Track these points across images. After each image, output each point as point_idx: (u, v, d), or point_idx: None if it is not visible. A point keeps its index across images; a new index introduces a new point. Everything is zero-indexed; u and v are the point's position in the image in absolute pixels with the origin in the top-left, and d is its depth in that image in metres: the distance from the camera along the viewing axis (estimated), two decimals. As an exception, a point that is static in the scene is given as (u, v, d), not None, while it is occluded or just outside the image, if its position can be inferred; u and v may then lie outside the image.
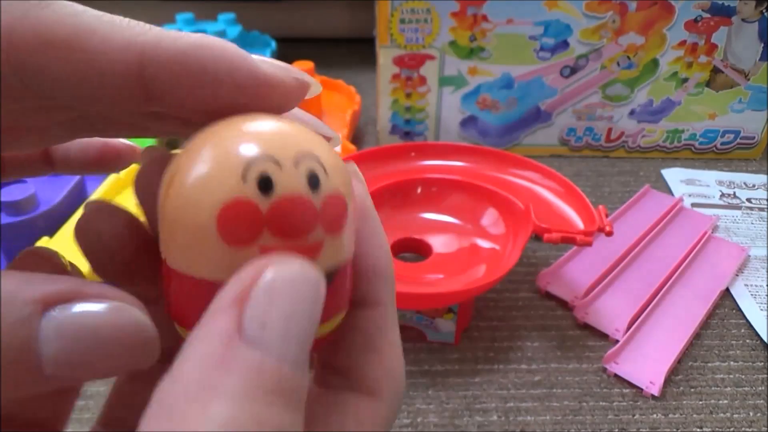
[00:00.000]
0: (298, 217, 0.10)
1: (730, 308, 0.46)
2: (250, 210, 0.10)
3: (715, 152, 0.67)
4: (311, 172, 0.10)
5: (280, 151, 0.10)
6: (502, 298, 0.47)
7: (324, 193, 0.10)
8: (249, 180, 0.10)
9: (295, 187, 0.10)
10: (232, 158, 0.10)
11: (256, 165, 0.10)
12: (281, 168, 0.10)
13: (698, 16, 0.58)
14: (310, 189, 0.10)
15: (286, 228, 0.10)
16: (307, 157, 0.10)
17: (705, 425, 0.37)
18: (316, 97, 0.66)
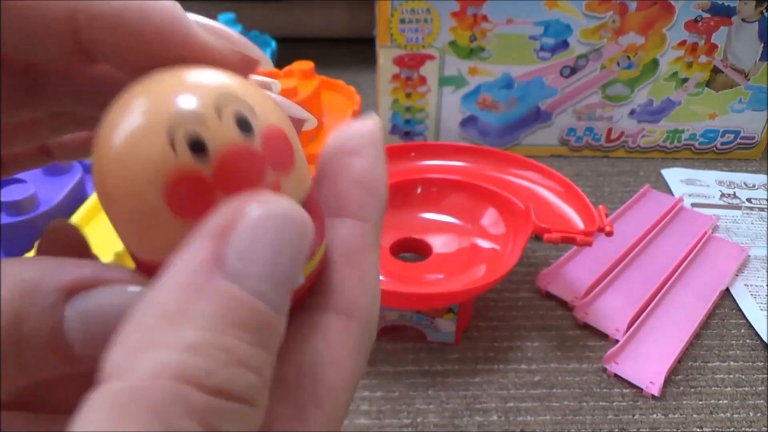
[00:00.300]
0: (243, 169, 0.09)
1: (730, 308, 0.46)
2: (194, 180, 0.09)
3: (715, 152, 0.67)
4: (238, 115, 0.09)
5: (198, 102, 0.09)
6: (502, 298, 0.47)
7: (260, 133, 0.10)
8: (179, 148, 0.09)
9: (228, 139, 0.09)
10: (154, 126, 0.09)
11: (181, 127, 0.09)
12: (206, 122, 0.09)
13: (698, 16, 0.58)
14: (243, 134, 0.09)
15: (237, 184, 0.09)
16: (228, 100, 0.09)
17: (705, 425, 0.37)
18: (317, 97, 0.66)
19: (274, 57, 0.87)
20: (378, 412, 0.38)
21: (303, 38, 1.01)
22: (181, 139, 0.09)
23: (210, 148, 0.09)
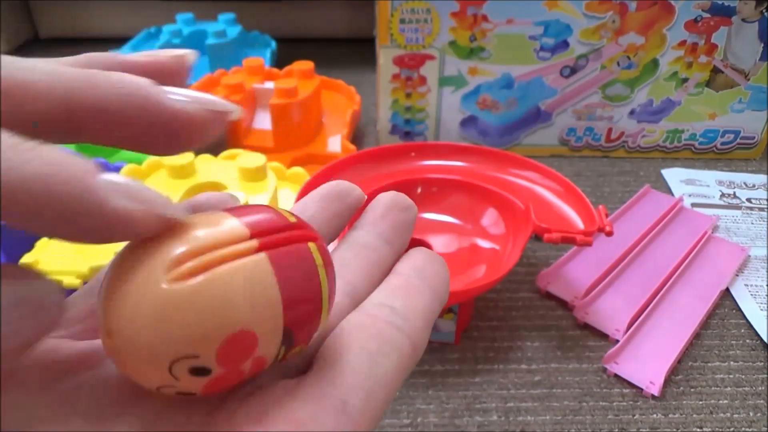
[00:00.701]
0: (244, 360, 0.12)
1: (730, 308, 0.46)
2: None
3: (715, 152, 0.67)
4: (193, 367, 0.11)
5: (168, 345, 0.11)
6: (502, 298, 0.47)
7: (213, 376, 0.11)
8: (180, 373, 0.11)
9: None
10: (151, 355, 0.11)
11: (181, 362, 0.11)
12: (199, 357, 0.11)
13: (698, 16, 0.58)
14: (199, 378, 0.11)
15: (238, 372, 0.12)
16: (186, 359, 0.11)
17: (705, 425, 0.37)
18: (317, 97, 0.66)
19: (274, 57, 0.87)
20: (378, 412, 0.38)
21: (303, 38, 1.01)
22: (178, 369, 0.11)
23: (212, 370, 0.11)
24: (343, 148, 0.62)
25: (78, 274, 0.38)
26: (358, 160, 0.50)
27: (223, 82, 0.63)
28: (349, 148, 0.61)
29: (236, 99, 0.62)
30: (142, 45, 0.83)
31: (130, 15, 0.99)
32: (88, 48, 0.87)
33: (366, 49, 0.87)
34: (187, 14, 0.85)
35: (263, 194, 0.45)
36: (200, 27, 0.83)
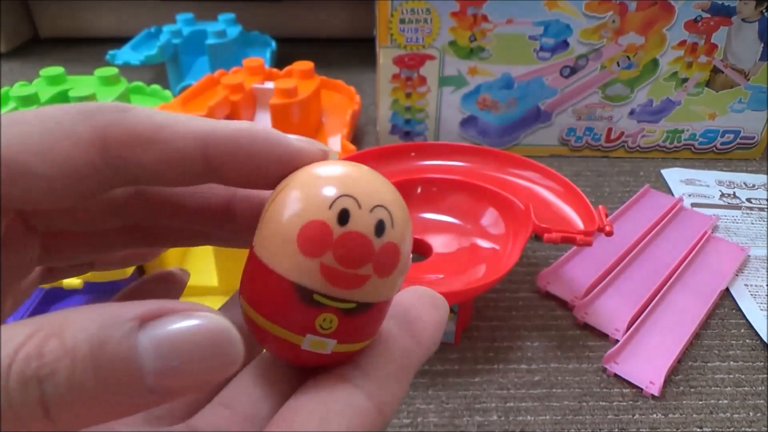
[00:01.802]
0: (357, 250, 0.12)
1: (730, 308, 0.46)
2: (325, 231, 0.12)
3: (715, 152, 0.67)
4: (380, 220, 0.12)
5: (363, 196, 0.12)
6: (502, 298, 0.47)
7: (384, 240, 0.12)
8: (333, 210, 0.12)
9: (364, 227, 0.12)
10: (326, 191, 0.12)
11: (343, 201, 0.12)
12: (360, 210, 0.12)
13: (698, 16, 0.58)
14: (375, 233, 0.12)
15: (344, 256, 0.12)
16: (382, 208, 0.12)
17: (705, 425, 0.37)
18: (317, 97, 0.66)
19: (274, 57, 0.87)
20: (378, 412, 0.38)
21: (303, 38, 1.01)
22: (338, 206, 0.12)
23: (349, 223, 0.12)
24: (343, 148, 0.62)
25: (78, 274, 0.38)
26: (358, 160, 0.50)
27: (223, 82, 0.63)
28: (349, 148, 0.61)
29: (236, 99, 0.62)
30: (142, 45, 0.83)
31: (130, 15, 0.99)
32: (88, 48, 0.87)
33: (366, 49, 0.87)
34: (187, 14, 0.85)
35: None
36: (200, 27, 0.83)
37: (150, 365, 0.10)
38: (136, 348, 0.10)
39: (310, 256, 0.12)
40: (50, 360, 0.09)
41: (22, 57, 0.96)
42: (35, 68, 0.93)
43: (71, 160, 0.12)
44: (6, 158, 0.11)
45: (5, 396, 0.09)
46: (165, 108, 0.60)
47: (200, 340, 0.10)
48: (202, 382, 0.10)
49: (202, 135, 0.13)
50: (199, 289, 0.45)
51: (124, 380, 0.10)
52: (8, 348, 0.09)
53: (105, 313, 0.10)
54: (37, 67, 0.93)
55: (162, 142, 0.12)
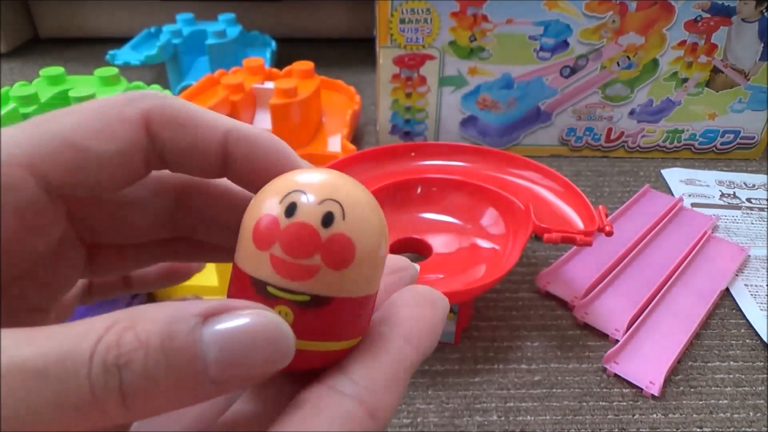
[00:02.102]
0: (300, 240, 0.12)
1: (730, 308, 0.46)
2: (272, 223, 0.13)
3: (715, 152, 0.67)
4: (328, 212, 0.13)
5: (315, 191, 0.13)
6: (502, 298, 0.47)
7: (333, 231, 0.12)
8: (283, 204, 0.13)
9: (309, 218, 0.12)
10: (281, 189, 0.13)
11: (293, 196, 0.13)
12: (307, 203, 0.13)
13: (698, 16, 0.58)
14: (322, 224, 0.12)
15: (289, 246, 0.12)
16: (333, 202, 0.13)
17: (705, 425, 0.37)
18: (317, 97, 0.66)
19: (274, 57, 0.87)
20: (378, 412, 0.38)
21: (303, 38, 1.01)
22: (287, 201, 0.13)
23: (296, 214, 0.12)
24: (343, 148, 0.62)
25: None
26: (358, 160, 0.50)
27: (223, 82, 0.63)
28: (349, 148, 0.61)
29: (236, 99, 0.62)
30: (142, 45, 0.83)
31: (130, 15, 0.98)
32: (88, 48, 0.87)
33: (366, 49, 0.87)
34: (187, 14, 0.85)
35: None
36: (200, 27, 0.83)
37: (212, 358, 0.11)
38: (200, 342, 0.11)
39: (261, 248, 0.13)
40: (127, 350, 0.10)
41: (22, 57, 0.96)
42: (35, 68, 0.93)
43: (122, 139, 0.13)
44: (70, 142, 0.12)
45: (89, 383, 0.10)
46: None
47: (257, 334, 0.11)
48: (259, 374, 0.11)
49: (226, 128, 0.14)
50: (198, 288, 0.45)
51: (190, 371, 0.11)
52: (89, 339, 0.10)
53: (172, 309, 0.11)
54: (37, 67, 0.93)
55: (193, 127, 0.14)
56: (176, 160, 0.14)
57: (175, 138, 0.14)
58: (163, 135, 0.14)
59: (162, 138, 0.14)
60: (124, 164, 0.13)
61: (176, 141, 0.14)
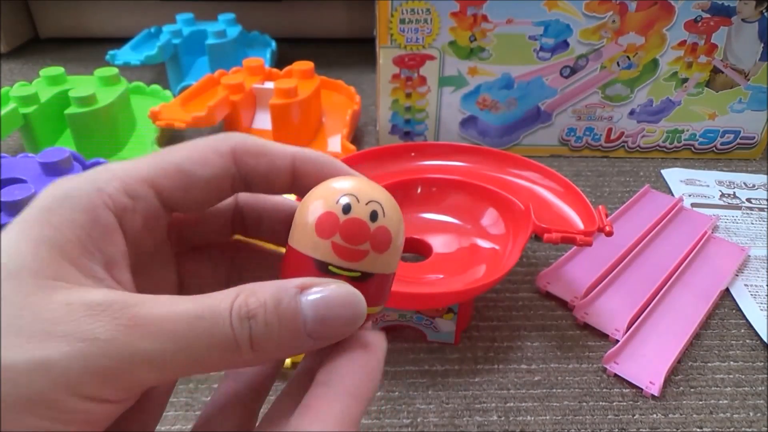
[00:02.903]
0: (356, 230, 0.16)
1: (730, 308, 0.46)
2: (333, 219, 0.16)
3: (715, 152, 0.67)
4: (373, 210, 0.17)
5: (361, 195, 0.17)
6: (502, 298, 0.47)
7: (377, 225, 0.17)
8: (339, 204, 0.17)
9: (362, 215, 0.17)
10: (336, 193, 0.17)
11: (346, 198, 0.17)
12: (358, 203, 0.17)
13: (698, 16, 0.58)
14: (370, 220, 0.17)
15: (348, 235, 0.16)
16: (375, 203, 0.17)
17: (705, 425, 0.37)
18: (317, 97, 0.66)
19: (274, 57, 0.87)
20: (378, 412, 0.38)
21: (303, 38, 1.01)
22: (342, 202, 0.17)
23: (350, 212, 0.17)
24: (343, 148, 0.62)
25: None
26: (358, 160, 0.50)
27: (223, 82, 0.63)
28: (349, 148, 0.61)
29: (236, 99, 0.62)
30: (142, 45, 0.83)
31: (130, 15, 0.98)
32: (88, 48, 0.87)
33: (366, 49, 0.87)
34: (187, 14, 0.85)
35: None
36: (200, 27, 0.83)
37: (309, 317, 0.15)
38: (299, 305, 0.15)
39: (324, 237, 0.16)
40: (253, 308, 0.14)
41: (22, 57, 0.96)
42: (35, 68, 0.93)
43: (217, 167, 0.17)
44: (181, 168, 0.17)
45: (231, 329, 0.14)
46: (165, 108, 0.60)
47: (340, 300, 0.15)
48: (342, 332, 0.16)
49: (293, 153, 0.18)
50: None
51: (293, 325, 0.15)
52: (226, 301, 0.14)
53: (279, 283, 0.15)
54: (37, 67, 0.93)
55: (268, 155, 0.18)
56: (257, 182, 0.18)
57: (257, 164, 0.18)
58: (247, 163, 0.18)
59: (246, 165, 0.18)
60: (217, 186, 0.18)
61: (257, 167, 0.18)
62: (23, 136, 0.62)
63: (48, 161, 0.45)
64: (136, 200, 0.16)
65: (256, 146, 0.18)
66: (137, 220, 0.16)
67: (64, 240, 0.14)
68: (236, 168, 0.18)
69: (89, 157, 0.53)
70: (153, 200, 0.16)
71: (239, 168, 0.18)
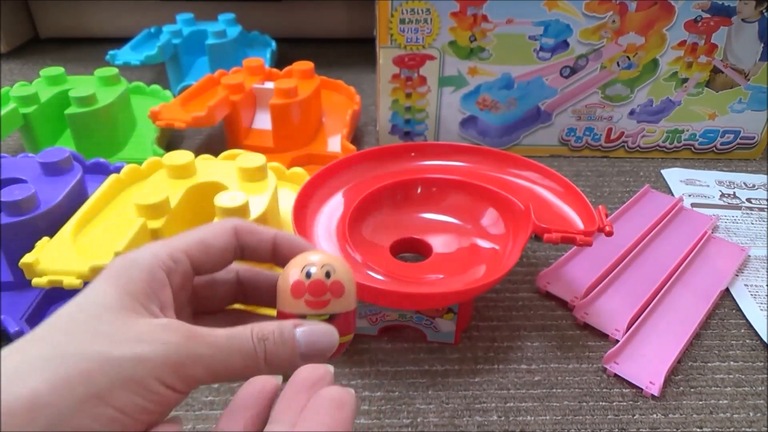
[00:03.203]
0: (318, 288, 0.23)
1: (730, 308, 0.46)
2: (301, 284, 0.23)
3: (715, 152, 0.67)
4: (327, 271, 0.23)
5: (317, 263, 0.23)
6: (502, 298, 0.47)
7: (332, 280, 0.23)
8: (303, 272, 0.23)
9: (319, 276, 0.23)
10: (300, 265, 0.23)
11: (307, 267, 0.23)
12: (316, 269, 0.23)
13: (698, 16, 0.58)
14: (326, 278, 0.23)
15: (313, 292, 0.23)
16: (328, 265, 0.23)
17: (705, 425, 0.37)
18: (317, 97, 0.66)
19: (274, 57, 0.87)
20: (378, 412, 0.38)
21: (303, 38, 1.01)
22: (305, 271, 0.23)
23: (312, 277, 0.23)
24: (343, 148, 0.62)
25: (78, 274, 0.38)
26: (358, 160, 0.50)
27: (223, 82, 0.63)
28: (349, 148, 0.61)
29: (236, 99, 0.62)
30: (142, 45, 0.83)
31: (130, 15, 0.98)
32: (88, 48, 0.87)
33: (366, 49, 0.87)
34: (187, 14, 0.85)
35: (263, 194, 0.45)
36: (200, 27, 0.83)
37: (301, 342, 0.21)
38: (294, 335, 0.21)
39: (298, 297, 0.23)
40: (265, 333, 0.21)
41: (22, 57, 0.96)
42: (35, 68, 0.93)
43: (225, 240, 0.24)
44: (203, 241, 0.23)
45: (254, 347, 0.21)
46: (165, 108, 0.60)
47: (320, 331, 0.22)
48: (323, 353, 0.22)
49: (275, 233, 0.25)
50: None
51: (291, 348, 0.21)
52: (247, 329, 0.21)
53: (279, 321, 0.22)
54: (37, 67, 0.93)
55: (257, 233, 0.25)
56: (249, 252, 0.25)
57: (250, 239, 0.25)
58: (243, 238, 0.24)
59: (243, 239, 0.25)
60: (225, 254, 0.24)
61: (250, 241, 0.25)
62: (23, 136, 0.62)
63: (48, 161, 0.45)
64: (177, 263, 0.23)
65: (249, 226, 0.25)
66: (178, 278, 0.23)
67: (136, 290, 0.21)
68: (236, 241, 0.24)
69: (89, 157, 0.53)
70: (187, 263, 0.23)
71: (238, 241, 0.24)
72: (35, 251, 0.39)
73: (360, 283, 0.38)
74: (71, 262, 0.39)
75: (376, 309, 0.41)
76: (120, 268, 0.21)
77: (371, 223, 0.47)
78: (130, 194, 0.46)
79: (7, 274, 0.43)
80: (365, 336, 0.43)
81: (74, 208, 0.44)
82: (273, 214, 0.46)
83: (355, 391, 0.39)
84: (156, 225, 0.41)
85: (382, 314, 0.42)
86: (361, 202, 0.46)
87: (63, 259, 0.39)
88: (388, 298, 0.39)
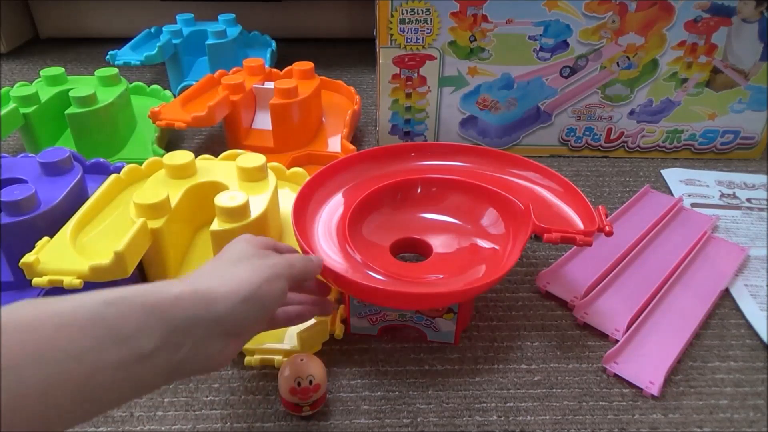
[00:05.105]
0: (305, 393, 0.37)
1: (730, 308, 0.46)
2: (294, 389, 0.37)
3: (715, 152, 0.67)
4: (310, 379, 0.37)
5: (303, 373, 0.37)
6: (502, 298, 0.47)
7: (314, 384, 0.37)
8: (295, 382, 0.36)
9: (305, 383, 0.37)
10: (292, 375, 0.37)
11: (298, 378, 0.37)
12: (303, 378, 0.37)
13: (698, 16, 0.58)
14: (309, 383, 0.37)
15: (301, 396, 0.37)
16: (309, 375, 0.37)
17: (705, 425, 0.37)
18: (317, 97, 0.66)
19: (274, 57, 0.87)
20: (378, 412, 0.38)
21: (303, 38, 1.01)
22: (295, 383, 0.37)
23: (300, 385, 0.37)
24: (343, 148, 0.62)
25: (78, 274, 0.38)
26: (358, 160, 0.50)
27: (223, 82, 0.63)
28: (349, 148, 0.61)
29: (236, 99, 0.62)
30: (142, 45, 0.83)
31: (130, 15, 0.98)
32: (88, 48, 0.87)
33: (366, 49, 0.87)
34: (187, 14, 0.85)
35: (263, 194, 0.45)
36: (200, 27, 0.83)
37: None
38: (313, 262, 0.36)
39: (293, 397, 0.37)
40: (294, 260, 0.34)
41: (22, 57, 0.96)
42: (35, 68, 0.93)
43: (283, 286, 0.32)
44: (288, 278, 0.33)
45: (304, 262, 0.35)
46: (165, 108, 0.60)
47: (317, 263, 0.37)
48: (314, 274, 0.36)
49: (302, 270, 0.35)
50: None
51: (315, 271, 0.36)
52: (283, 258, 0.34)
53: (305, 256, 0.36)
54: (37, 67, 0.93)
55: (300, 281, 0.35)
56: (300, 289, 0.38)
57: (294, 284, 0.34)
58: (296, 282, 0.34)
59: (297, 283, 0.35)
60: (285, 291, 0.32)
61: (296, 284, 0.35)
62: (23, 136, 0.62)
63: (48, 161, 0.45)
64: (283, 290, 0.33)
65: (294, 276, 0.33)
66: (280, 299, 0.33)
67: (258, 244, 0.34)
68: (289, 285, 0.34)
69: (89, 157, 0.53)
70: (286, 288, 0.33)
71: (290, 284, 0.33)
72: (35, 251, 0.39)
73: (360, 283, 0.39)
74: (71, 262, 0.39)
75: (376, 309, 0.41)
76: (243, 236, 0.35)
77: (371, 223, 0.47)
78: (130, 194, 0.46)
79: (8, 274, 0.43)
80: (365, 336, 0.43)
81: (74, 208, 0.44)
82: (273, 214, 0.46)
83: (355, 391, 0.39)
84: (156, 225, 0.41)
85: (382, 314, 0.42)
86: (361, 202, 0.46)
87: (63, 258, 0.39)
88: (388, 298, 0.39)
